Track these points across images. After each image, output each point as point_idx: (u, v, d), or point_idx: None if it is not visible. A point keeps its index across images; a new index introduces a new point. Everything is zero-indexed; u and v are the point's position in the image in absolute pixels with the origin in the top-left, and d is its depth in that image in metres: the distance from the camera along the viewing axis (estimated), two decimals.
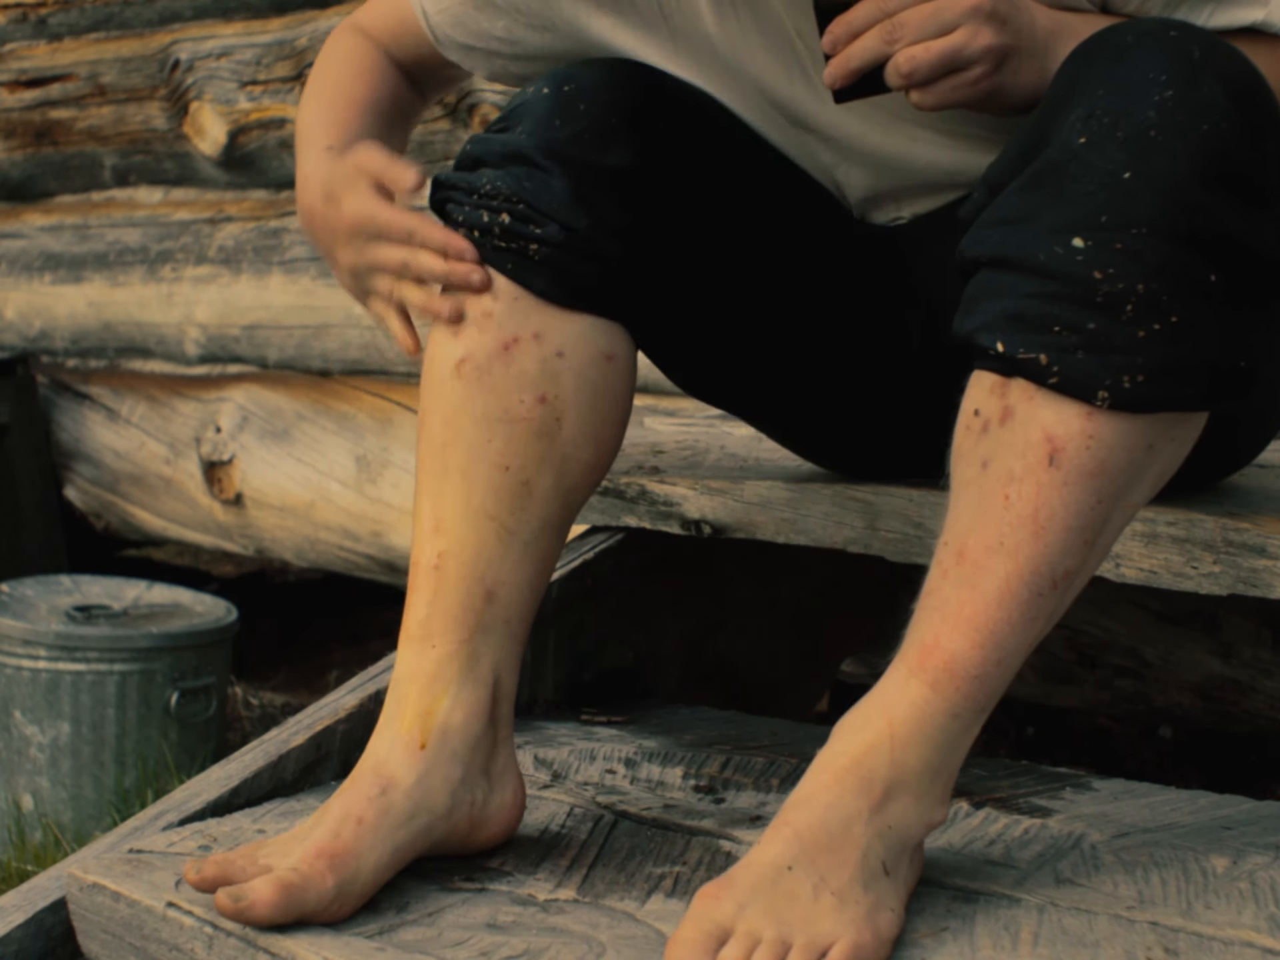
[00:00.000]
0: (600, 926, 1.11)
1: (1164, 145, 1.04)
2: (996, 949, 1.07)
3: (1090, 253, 1.04)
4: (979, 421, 1.10)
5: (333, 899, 1.10)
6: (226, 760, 1.40)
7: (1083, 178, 1.05)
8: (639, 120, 1.25)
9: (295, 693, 3.07)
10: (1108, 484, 1.07)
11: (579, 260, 1.22)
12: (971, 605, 1.08)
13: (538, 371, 1.22)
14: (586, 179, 1.22)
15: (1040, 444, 1.06)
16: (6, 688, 2.54)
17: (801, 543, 1.51)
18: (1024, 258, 1.06)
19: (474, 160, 1.25)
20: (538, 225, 1.21)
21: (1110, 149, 1.05)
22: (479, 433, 1.22)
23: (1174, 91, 1.05)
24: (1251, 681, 1.87)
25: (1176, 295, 1.04)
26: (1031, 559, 1.07)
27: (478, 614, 1.21)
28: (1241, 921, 1.11)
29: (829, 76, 1.18)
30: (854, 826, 1.07)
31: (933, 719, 1.08)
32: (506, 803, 1.23)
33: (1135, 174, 1.04)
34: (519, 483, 1.22)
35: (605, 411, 1.25)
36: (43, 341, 3.31)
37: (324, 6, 2.81)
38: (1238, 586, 1.29)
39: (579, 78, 1.24)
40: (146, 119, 3.07)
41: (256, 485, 2.90)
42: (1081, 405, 1.06)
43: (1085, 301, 1.04)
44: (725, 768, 1.44)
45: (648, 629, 1.71)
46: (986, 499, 1.08)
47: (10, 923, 1.22)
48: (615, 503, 1.62)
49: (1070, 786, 1.39)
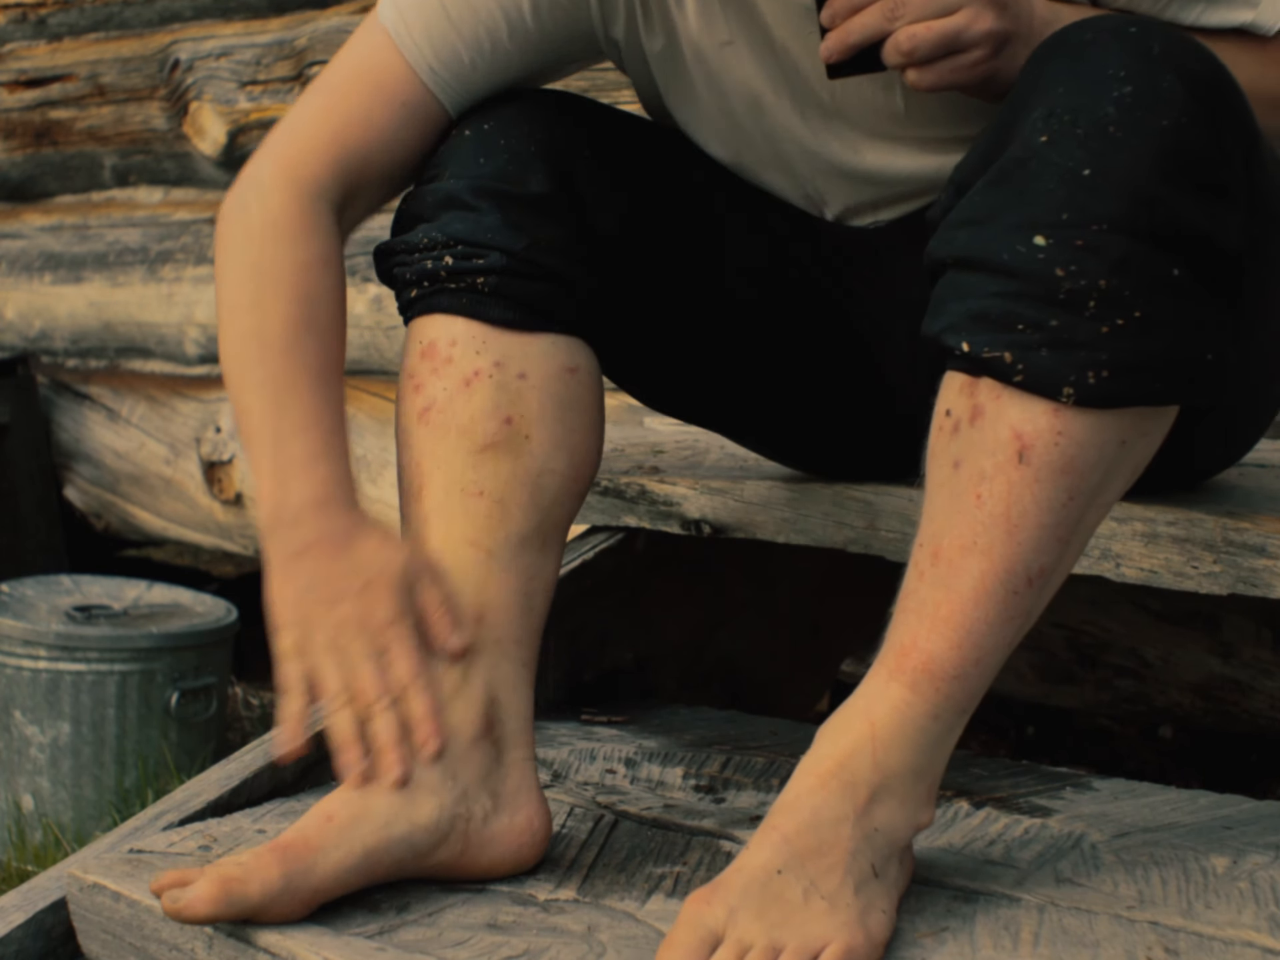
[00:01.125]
0: (600, 926, 1.11)
1: (1123, 141, 1.04)
2: (996, 949, 1.07)
3: (1051, 250, 1.05)
4: (950, 422, 1.10)
5: (280, 891, 1.08)
6: (226, 760, 1.40)
7: (1043, 175, 1.06)
8: (557, 146, 1.27)
9: None
10: (1079, 481, 1.06)
11: (526, 281, 1.24)
12: (947, 605, 1.08)
13: (501, 397, 1.23)
14: (514, 207, 1.24)
15: (1009, 442, 1.06)
16: (6, 688, 2.54)
17: (801, 543, 1.51)
18: (988, 257, 1.07)
19: (411, 217, 1.27)
20: (480, 257, 1.23)
21: (1070, 146, 1.05)
22: (450, 469, 1.22)
23: (1133, 87, 1.05)
24: (1251, 681, 1.87)
25: (1139, 290, 1.04)
26: (1006, 557, 1.07)
27: (464, 638, 1.20)
28: (1241, 921, 1.11)
29: (825, 50, 1.18)
30: (841, 829, 1.07)
31: (914, 721, 1.09)
32: (518, 826, 1.19)
33: (1095, 170, 1.04)
34: (494, 503, 1.22)
35: (573, 422, 1.26)
36: (43, 341, 3.31)
37: (324, 6, 2.81)
38: (1238, 586, 1.29)
39: (496, 114, 1.27)
40: (146, 119, 3.07)
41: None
42: (1048, 402, 1.06)
43: (1048, 299, 1.05)
44: (725, 768, 1.44)
45: (648, 629, 1.71)
46: (959, 499, 1.08)
47: (10, 923, 1.22)
48: (615, 503, 1.62)
49: (1070, 786, 1.39)
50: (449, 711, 1.18)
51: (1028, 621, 1.10)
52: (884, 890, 1.08)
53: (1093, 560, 1.34)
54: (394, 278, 1.27)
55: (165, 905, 1.08)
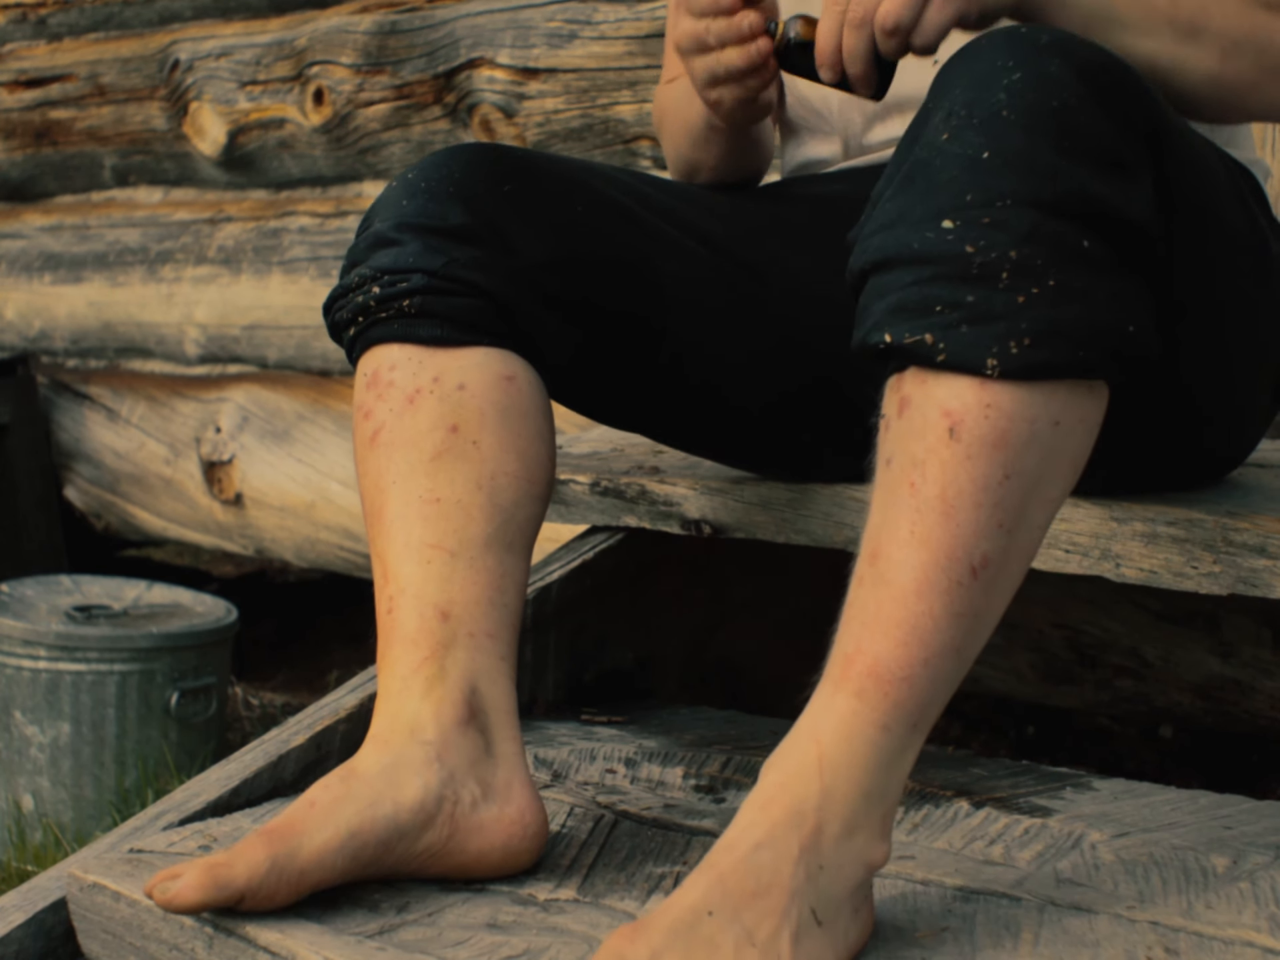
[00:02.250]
0: (600, 926, 1.11)
1: (1016, 122, 1.07)
2: (996, 949, 1.07)
3: (960, 230, 1.06)
4: (882, 424, 1.10)
5: (266, 873, 1.08)
6: (226, 760, 1.40)
7: (946, 167, 1.08)
8: (476, 188, 1.31)
9: (295, 693, 3.07)
10: (1014, 458, 1.05)
11: (449, 298, 1.28)
12: (890, 602, 1.05)
13: (444, 408, 1.26)
14: (434, 236, 1.29)
15: (938, 421, 1.06)
16: (6, 688, 2.55)
17: (801, 543, 1.51)
18: (900, 252, 1.08)
19: (348, 265, 1.32)
20: (403, 281, 1.28)
21: (968, 135, 1.07)
22: (405, 482, 1.25)
23: (1021, 74, 1.08)
24: (1251, 681, 1.87)
25: (1051, 260, 1.06)
26: (944, 542, 1.05)
27: (435, 633, 1.21)
28: (1241, 921, 1.11)
29: (861, 98, 1.26)
30: (783, 867, 1.00)
31: (862, 732, 1.04)
32: (509, 816, 1.18)
33: (993, 152, 1.06)
34: (452, 506, 1.24)
35: (519, 426, 1.28)
36: (43, 341, 3.31)
37: (324, 6, 2.81)
38: (1238, 586, 1.29)
39: (422, 165, 1.34)
40: (146, 119, 3.07)
41: (256, 485, 2.90)
42: (973, 378, 1.06)
43: (962, 277, 1.06)
44: (726, 768, 1.44)
45: (648, 629, 1.71)
46: (893, 492, 1.07)
47: (10, 923, 1.22)
48: (615, 503, 1.62)
49: (1070, 786, 1.39)
50: (429, 700, 1.18)
51: (979, 623, 1.07)
52: (829, 943, 1.01)
53: (1093, 560, 1.34)
54: (336, 325, 1.33)
55: (155, 896, 1.09)
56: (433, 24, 2.60)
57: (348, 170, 2.81)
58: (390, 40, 2.65)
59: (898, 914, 1.12)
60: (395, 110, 2.67)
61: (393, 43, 2.65)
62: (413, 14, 2.63)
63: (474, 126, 2.55)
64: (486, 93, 2.51)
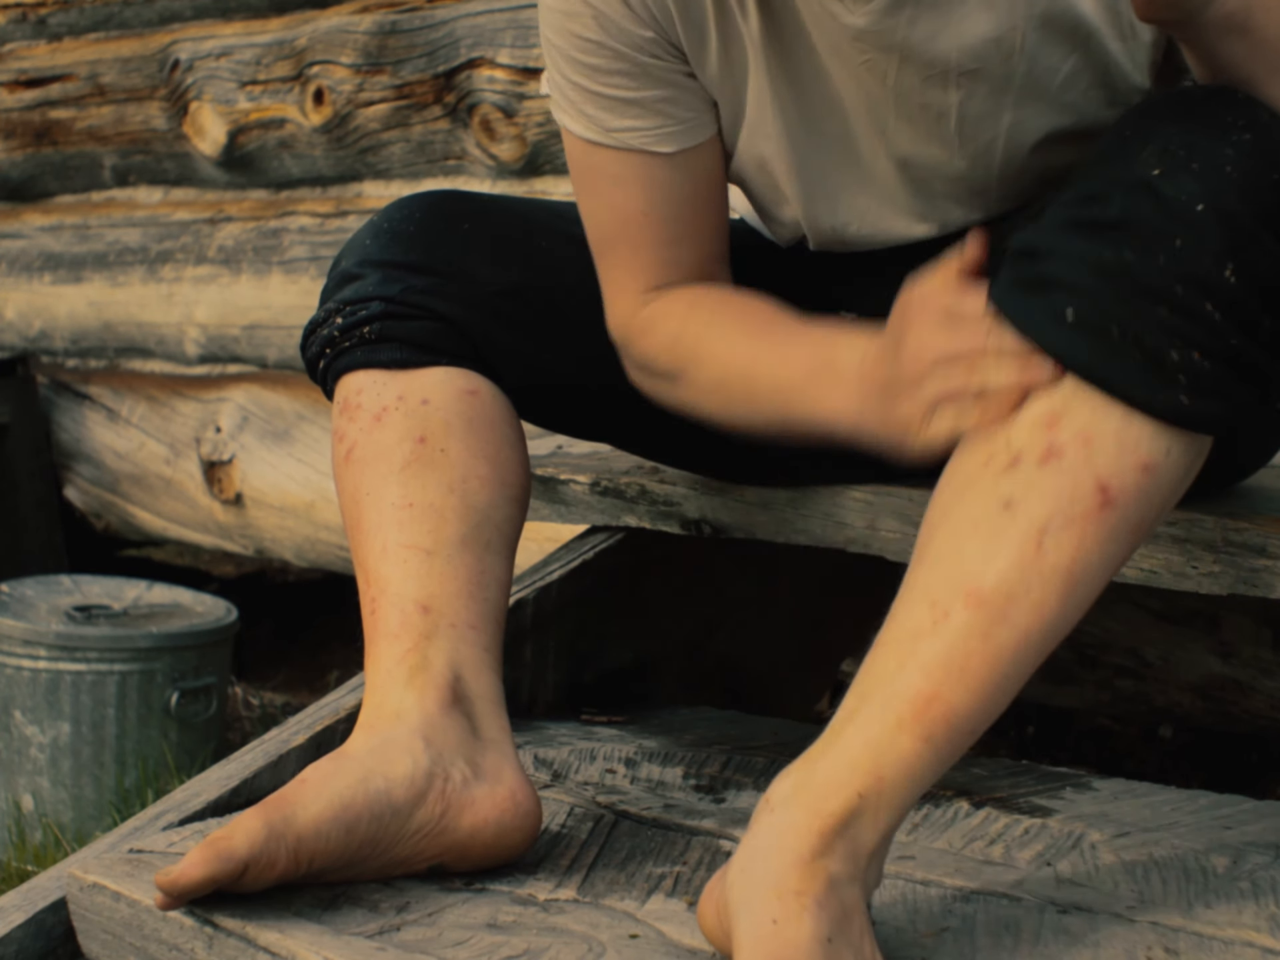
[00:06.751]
0: (600, 926, 1.11)
1: (1239, 183, 1.03)
2: (996, 949, 1.07)
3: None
4: (1007, 455, 1.05)
5: (265, 839, 1.10)
6: (226, 760, 1.40)
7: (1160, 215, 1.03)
8: (436, 226, 1.37)
9: (295, 693, 3.07)
10: (1145, 530, 1.05)
11: (406, 322, 1.33)
12: (981, 656, 1.02)
13: (411, 422, 1.31)
14: (393, 270, 1.35)
15: (1092, 493, 1.02)
16: (6, 688, 2.54)
17: (801, 543, 1.51)
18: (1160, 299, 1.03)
19: (320, 304, 1.39)
20: (363, 309, 1.34)
21: (1184, 180, 1.03)
22: (379, 492, 1.29)
23: (1251, 136, 1.05)
24: (1252, 681, 1.87)
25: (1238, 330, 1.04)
26: (1056, 615, 1.03)
27: (416, 626, 1.25)
28: (1241, 921, 1.11)
29: None
30: (857, 900, 1.02)
31: (920, 777, 1.03)
32: (500, 795, 1.19)
33: (1208, 206, 1.03)
34: (425, 509, 1.28)
35: (486, 434, 1.33)
36: (43, 341, 3.31)
37: (324, 6, 2.81)
38: (1238, 586, 1.29)
39: (387, 209, 1.40)
40: (146, 119, 3.07)
41: (256, 485, 2.90)
42: (1146, 424, 1.03)
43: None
44: (726, 768, 1.44)
45: (648, 629, 1.71)
46: (1010, 543, 1.03)
47: (10, 923, 1.22)
48: (615, 503, 1.62)
49: (1070, 786, 1.39)
50: (413, 687, 1.21)
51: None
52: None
53: None
54: (309, 363, 1.38)
55: (158, 880, 1.09)
56: (433, 24, 2.60)
57: (348, 170, 2.81)
58: (390, 40, 2.65)
59: (898, 914, 1.12)
60: (395, 110, 2.67)
61: (393, 43, 2.65)
62: (413, 14, 2.63)
63: (474, 126, 2.55)
64: (487, 92, 2.51)
